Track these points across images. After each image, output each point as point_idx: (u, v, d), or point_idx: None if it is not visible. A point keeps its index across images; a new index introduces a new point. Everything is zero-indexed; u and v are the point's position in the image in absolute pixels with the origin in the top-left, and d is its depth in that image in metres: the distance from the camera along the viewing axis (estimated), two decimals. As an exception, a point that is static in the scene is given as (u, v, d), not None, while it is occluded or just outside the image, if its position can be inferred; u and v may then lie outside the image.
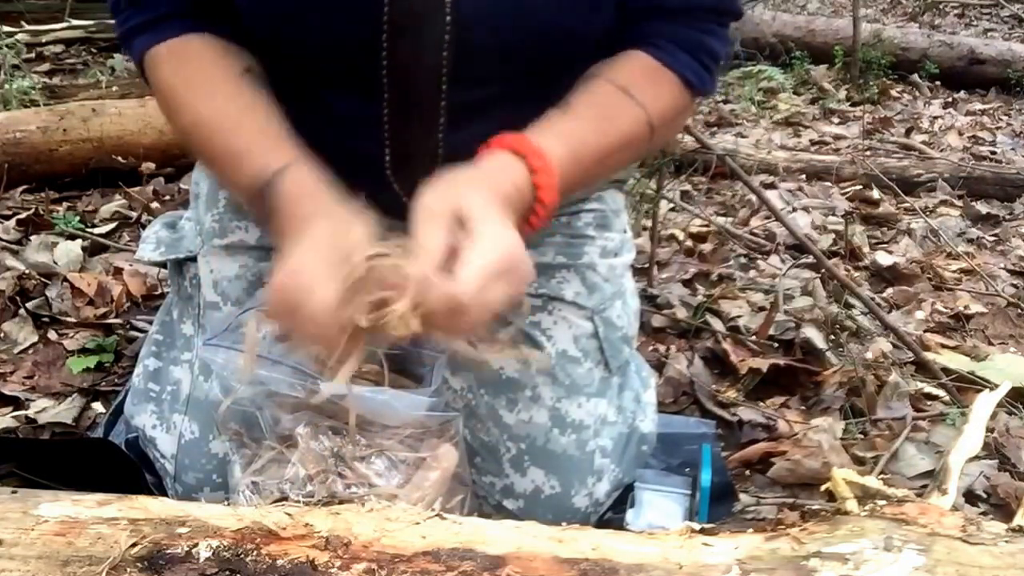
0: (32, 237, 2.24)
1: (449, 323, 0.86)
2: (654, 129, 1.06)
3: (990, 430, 1.58)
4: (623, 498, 1.35)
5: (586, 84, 1.06)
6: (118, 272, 2.07)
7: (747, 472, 1.59)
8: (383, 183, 1.13)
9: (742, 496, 1.50)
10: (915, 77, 4.93)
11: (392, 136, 1.09)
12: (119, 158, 2.65)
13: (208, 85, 1.04)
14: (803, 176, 3.26)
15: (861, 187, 3.13)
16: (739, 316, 2.05)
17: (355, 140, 1.11)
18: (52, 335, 1.84)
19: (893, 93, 4.71)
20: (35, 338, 1.82)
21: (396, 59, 1.02)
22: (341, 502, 0.88)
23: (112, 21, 1.12)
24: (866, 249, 2.57)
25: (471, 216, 0.86)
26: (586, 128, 1.01)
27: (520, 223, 0.94)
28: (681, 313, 2.06)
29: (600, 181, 1.14)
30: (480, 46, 1.01)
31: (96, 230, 2.35)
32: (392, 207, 1.19)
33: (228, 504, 0.87)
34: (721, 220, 2.72)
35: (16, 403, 1.65)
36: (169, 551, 0.78)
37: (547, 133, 0.98)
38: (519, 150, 0.94)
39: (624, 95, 1.04)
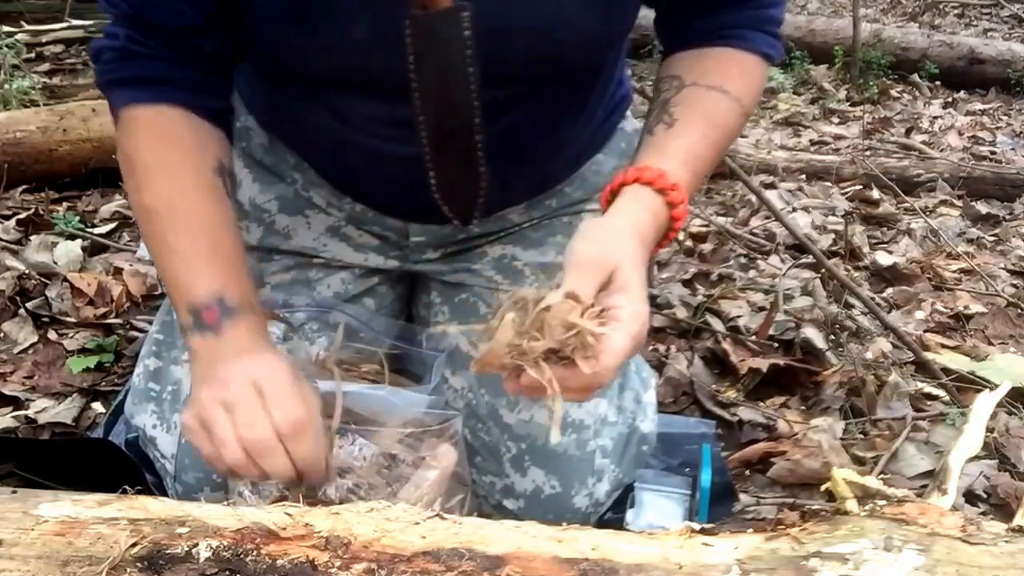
0: (32, 237, 2.24)
1: (575, 392, 0.88)
2: (748, 113, 1.11)
3: (990, 430, 1.58)
4: (623, 498, 1.35)
5: (679, 92, 1.07)
6: (118, 272, 2.07)
7: (747, 472, 1.59)
8: (433, 207, 1.17)
9: (742, 496, 1.50)
10: (915, 77, 4.93)
11: (436, 169, 1.12)
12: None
13: (185, 173, 1.02)
14: (803, 176, 3.25)
15: (861, 187, 3.13)
16: (739, 316, 2.05)
17: (402, 175, 1.14)
18: (52, 335, 1.84)
19: (893, 93, 4.71)
20: (35, 338, 1.82)
21: (424, 80, 1.03)
22: (341, 502, 0.88)
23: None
24: (866, 249, 2.57)
25: (619, 279, 0.89)
26: (699, 142, 1.03)
27: (654, 248, 0.99)
28: (681, 313, 2.06)
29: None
30: (506, 64, 1.03)
31: (96, 230, 2.35)
32: (405, 238, 1.25)
33: (228, 504, 0.87)
34: (721, 220, 2.72)
35: (16, 403, 1.65)
36: (169, 551, 0.78)
37: (670, 159, 1.00)
38: (661, 187, 0.97)
39: (721, 94, 1.07)
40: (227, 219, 1.03)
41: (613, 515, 1.33)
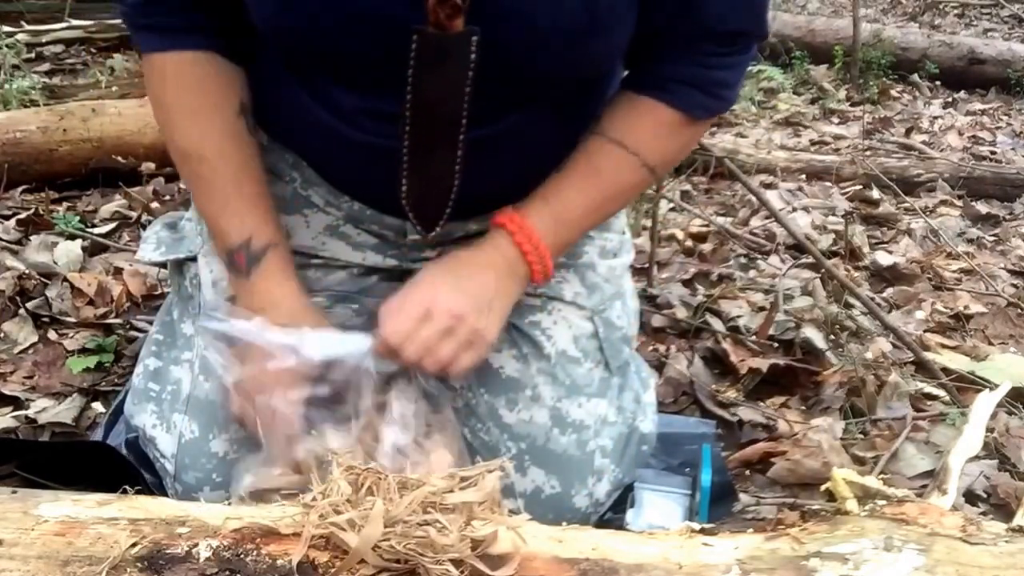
0: (32, 237, 2.23)
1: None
2: (653, 168, 1.15)
3: (990, 430, 1.58)
4: (623, 498, 1.35)
5: (583, 143, 1.15)
6: (118, 272, 2.07)
7: (747, 472, 1.59)
8: (398, 213, 1.18)
9: (742, 496, 1.50)
10: (915, 77, 4.93)
11: (410, 167, 1.11)
12: (119, 158, 2.64)
13: (209, 118, 1.13)
14: (803, 176, 3.25)
15: (861, 187, 3.13)
16: (739, 316, 2.05)
17: (375, 170, 1.14)
18: (52, 335, 1.84)
19: (893, 93, 4.71)
20: (35, 338, 1.82)
21: (420, 93, 1.04)
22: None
23: (112, 21, 1.13)
24: (866, 249, 2.57)
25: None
26: (571, 187, 1.14)
27: (526, 281, 1.15)
28: (681, 313, 2.06)
29: (600, 224, 1.26)
30: (502, 81, 1.04)
31: (96, 230, 2.35)
32: (403, 237, 1.24)
33: (228, 504, 0.87)
34: (721, 220, 2.72)
35: (16, 403, 1.64)
36: (169, 551, 0.78)
37: (535, 203, 1.13)
38: (507, 228, 1.12)
39: (616, 146, 1.13)
40: (250, 158, 1.15)
41: (613, 515, 1.33)
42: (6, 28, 3.97)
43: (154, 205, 2.51)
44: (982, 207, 3.11)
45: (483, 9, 0.97)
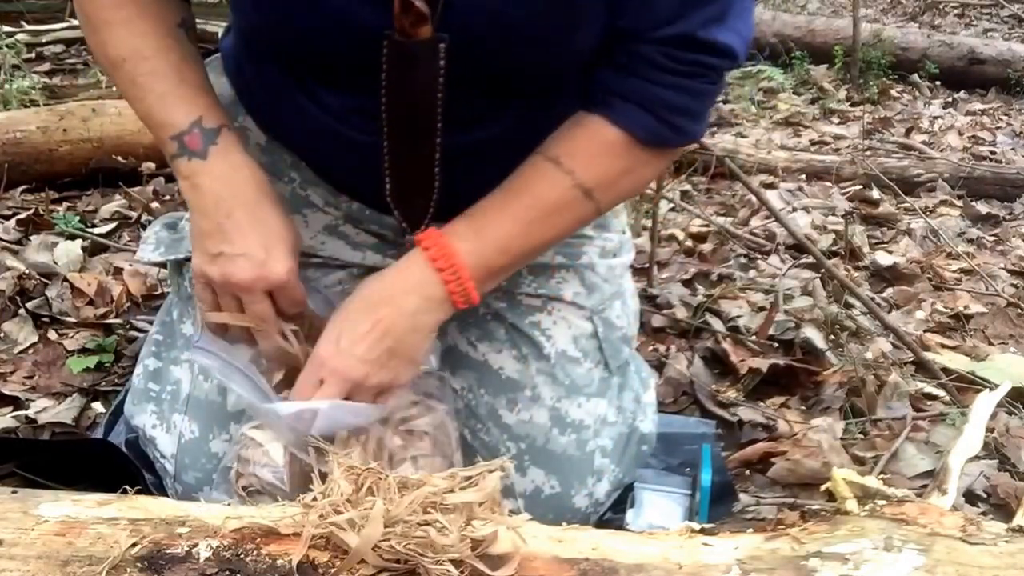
0: (32, 237, 2.23)
1: None
2: (590, 190, 1.06)
3: (990, 430, 1.58)
4: (623, 498, 1.35)
5: (528, 158, 1.09)
6: (118, 272, 2.07)
7: (747, 472, 1.59)
8: (384, 209, 1.17)
9: (742, 496, 1.50)
10: (915, 77, 4.93)
11: (391, 167, 1.11)
12: (119, 158, 2.64)
13: (146, 25, 1.07)
14: (803, 176, 3.25)
15: (861, 187, 3.13)
16: (739, 316, 2.05)
17: (363, 166, 1.13)
18: (52, 335, 1.84)
19: (893, 93, 4.71)
20: (35, 338, 1.82)
21: (394, 96, 1.04)
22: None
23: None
24: (866, 249, 2.57)
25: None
26: (496, 206, 1.07)
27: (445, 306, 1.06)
28: (681, 313, 2.06)
29: (541, 248, 1.14)
30: (477, 82, 1.04)
31: (96, 230, 2.34)
32: (402, 236, 1.23)
33: (228, 504, 0.87)
34: (721, 220, 2.72)
35: (16, 403, 1.64)
36: (169, 551, 0.78)
37: (458, 222, 1.07)
38: (423, 245, 1.05)
39: (549, 164, 1.06)
40: (192, 58, 1.10)
41: (613, 515, 1.33)
42: (6, 28, 3.97)
43: (154, 205, 2.51)
44: (982, 207, 3.11)
45: (453, 10, 0.97)
